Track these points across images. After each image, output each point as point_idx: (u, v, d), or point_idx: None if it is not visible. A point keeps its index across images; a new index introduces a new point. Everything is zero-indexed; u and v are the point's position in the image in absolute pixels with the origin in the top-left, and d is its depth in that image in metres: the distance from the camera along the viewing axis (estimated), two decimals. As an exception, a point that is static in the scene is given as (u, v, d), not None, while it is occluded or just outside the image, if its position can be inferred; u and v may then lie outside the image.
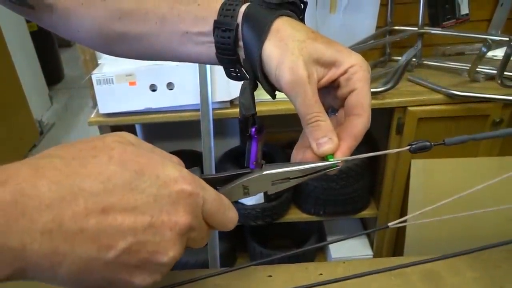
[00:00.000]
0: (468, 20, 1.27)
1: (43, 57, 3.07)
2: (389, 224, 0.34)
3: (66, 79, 3.73)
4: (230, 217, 0.35)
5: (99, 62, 1.24)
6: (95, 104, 1.20)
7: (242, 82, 0.42)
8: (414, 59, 1.31)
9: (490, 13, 1.36)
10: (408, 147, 0.36)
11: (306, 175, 0.37)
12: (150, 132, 1.65)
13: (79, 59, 1.39)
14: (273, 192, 0.38)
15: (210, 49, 0.42)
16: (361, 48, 1.31)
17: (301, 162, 0.38)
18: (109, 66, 1.16)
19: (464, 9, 1.26)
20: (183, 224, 0.30)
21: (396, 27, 1.35)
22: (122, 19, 0.44)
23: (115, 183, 0.29)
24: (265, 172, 0.37)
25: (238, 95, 0.41)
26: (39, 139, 2.79)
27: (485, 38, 1.11)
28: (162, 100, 1.15)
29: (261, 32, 0.38)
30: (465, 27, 1.28)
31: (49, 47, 3.41)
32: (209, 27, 0.41)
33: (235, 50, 0.41)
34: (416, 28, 1.30)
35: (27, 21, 2.84)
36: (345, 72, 0.38)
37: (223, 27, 0.40)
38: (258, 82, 0.41)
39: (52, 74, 3.41)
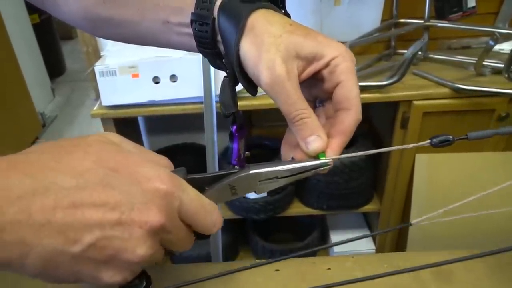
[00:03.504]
0: (475, 13, 1.26)
1: (45, 50, 3.06)
2: (412, 221, 0.33)
3: (68, 71, 3.73)
4: (212, 220, 0.34)
5: (101, 54, 1.23)
6: (97, 97, 1.20)
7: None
8: (419, 53, 1.30)
9: (497, 5, 1.34)
10: (429, 141, 0.35)
11: (295, 174, 0.36)
12: (153, 124, 1.65)
13: (81, 52, 1.39)
14: (263, 192, 0.37)
15: (192, 41, 0.41)
16: (366, 41, 1.30)
17: (290, 161, 0.37)
18: (112, 58, 1.15)
19: (471, 2, 1.24)
20: (154, 223, 0.30)
21: (402, 20, 1.34)
22: (106, 3, 0.43)
23: (88, 179, 0.29)
24: (251, 172, 0.36)
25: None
26: (41, 132, 2.79)
27: (493, 31, 1.09)
28: (165, 92, 1.15)
29: (236, 28, 0.36)
30: (471, 20, 1.26)
31: (51, 40, 3.41)
32: (188, 18, 0.39)
33: (215, 43, 0.39)
34: (422, 21, 1.29)
35: (29, 13, 2.83)
36: (327, 65, 0.36)
37: (200, 20, 0.38)
38: None
39: (54, 66, 3.40)
